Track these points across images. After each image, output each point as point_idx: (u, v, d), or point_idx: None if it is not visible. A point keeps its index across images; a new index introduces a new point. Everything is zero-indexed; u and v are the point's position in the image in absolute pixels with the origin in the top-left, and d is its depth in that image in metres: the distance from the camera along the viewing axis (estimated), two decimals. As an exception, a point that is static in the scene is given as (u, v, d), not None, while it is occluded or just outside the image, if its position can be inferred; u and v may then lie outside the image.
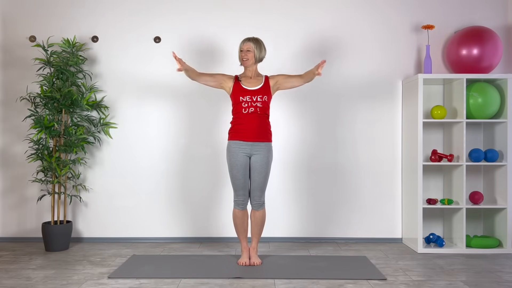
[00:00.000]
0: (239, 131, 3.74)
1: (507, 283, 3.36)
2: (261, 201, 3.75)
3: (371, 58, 4.63)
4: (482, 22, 4.61)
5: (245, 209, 3.77)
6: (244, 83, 3.77)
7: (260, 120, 3.73)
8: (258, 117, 3.72)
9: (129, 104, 4.62)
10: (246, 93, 3.73)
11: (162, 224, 4.63)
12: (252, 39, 3.79)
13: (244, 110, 3.71)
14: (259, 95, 3.72)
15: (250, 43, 3.75)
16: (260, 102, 3.71)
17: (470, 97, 4.29)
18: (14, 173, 4.62)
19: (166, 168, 4.63)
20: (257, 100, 3.71)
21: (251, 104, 3.71)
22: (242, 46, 3.78)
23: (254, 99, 3.71)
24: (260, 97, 3.72)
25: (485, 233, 4.54)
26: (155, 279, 3.42)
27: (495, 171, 4.40)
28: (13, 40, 4.62)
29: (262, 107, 3.72)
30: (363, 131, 4.63)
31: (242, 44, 3.78)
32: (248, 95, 3.72)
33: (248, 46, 3.74)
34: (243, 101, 3.71)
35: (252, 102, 3.71)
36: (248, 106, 3.71)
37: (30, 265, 3.79)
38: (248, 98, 3.71)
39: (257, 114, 3.71)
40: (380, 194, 4.63)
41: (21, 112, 4.59)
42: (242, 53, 3.77)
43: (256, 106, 3.71)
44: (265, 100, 3.73)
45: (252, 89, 3.74)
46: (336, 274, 3.53)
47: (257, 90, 3.74)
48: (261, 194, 3.75)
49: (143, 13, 4.63)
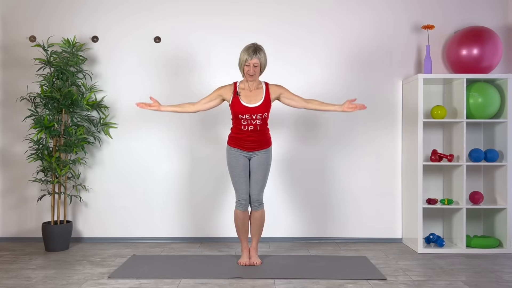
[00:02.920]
0: (238, 142, 3.73)
1: (507, 283, 3.36)
2: (259, 200, 3.75)
3: (371, 58, 4.63)
4: (482, 22, 4.61)
5: (246, 210, 3.77)
6: (244, 98, 3.63)
7: (258, 134, 3.70)
8: (257, 133, 3.69)
9: (129, 104, 4.62)
10: (245, 110, 3.61)
11: (162, 224, 4.63)
12: (258, 50, 3.54)
13: (243, 127, 3.67)
14: (258, 113, 3.62)
15: (257, 57, 3.51)
16: (260, 119, 3.65)
17: (470, 97, 4.29)
18: (14, 173, 4.62)
19: (166, 168, 4.63)
20: (256, 118, 3.63)
21: (250, 122, 3.64)
22: (248, 60, 3.51)
23: (253, 117, 3.62)
24: (259, 115, 3.64)
25: (485, 233, 4.54)
26: (155, 279, 3.42)
27: (495, 171, 4.40)
28: (13, 40, 4.62)
29: (262, 123, 3.68)
30: (363, 131, 4.63)
31: (249, 57, 3.51)
32: (248, 113, 3.61)
33: (256, 61, 3.51)
34: (242, 119, 3.64)
35: (251, 120, 3.63)
36: (247, 124, 3.65)
37: (30, 265, 3.79)
38: (247, 116, 3.62)
39: (256, 130, 3.68)
40: (380, 194, 4.63)
41: (21, 112, 4.59)
42: (249, 68, 3.53)
43: (255, 124, 3.65)
44: (264, 117, 3.67)
45: (251, 106, 3.61)
46: (336, 274, 3.53)
47: (256, 107, 3.61)
48: (260, 193, 3.75)
49: (143, 13, 4.63)
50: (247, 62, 3.53)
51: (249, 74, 3.55)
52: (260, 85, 3.71)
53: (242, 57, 3.57)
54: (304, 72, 4.62)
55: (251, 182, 3.76)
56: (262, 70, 3.61)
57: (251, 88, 3.66)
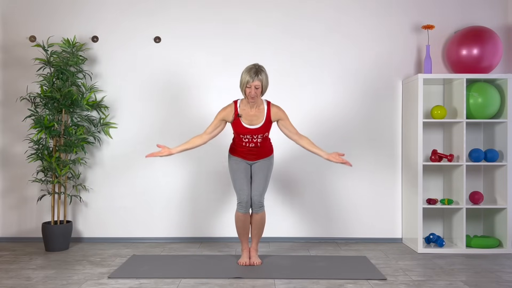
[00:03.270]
0: (239, 154, 3.77)
1: (507, 283, 3.36)
2: (261, 202, 3.75)
3: (371, 58, 4.63)
4: (482, 22, 4.61)
5: (247, 212, 3.76)
6: (245, 120, 3.61)
7: (260, 148, 3.73)
8: (258, 148, 3.72)
9: (129, 104, 4.62)
10: (246, 131, 3.62)
11: (162, 224, 4.63)
12: (260, 71, 3.48)
13: (244, 144, 3.70)
14: (259, 133, 3.63)
15: (259, 79, 3.46)
16: (261, 138, 3.67)
17: (470, 97, 4.29)
18: (14, 173, 4.62)
19: (166, 168, 4.63)
20: (257, 137, 3.66)
21: (251, 140, 3.66)
22: (250, 82, 3.46)
23: (254, 136, 3.65)
24: (260, 135, 3.65)
25: (485, 233, 4.54)
26: (155, 279, 3.42)
27: (495, 171, 4.40)
28: (13, 40, 4.62)
29: (262, 141, 3.70)
30: (363, 131, 4.63)
31: (250, 79, 3.46)
32: (249, 134, 3.63)
33: (257, 83, 3.46)
34: (243, 137, 3.66)
35: (252, 139, 3.66)
36: (248, 141, 3.67)
37: (30, 265, 3.79)
38: (248, 136, 3.65)
39: (257, 146, 3.71)
40: (380, 194, 4.63)
41: (21, 112, 4.59)
42: (250, 90, 3.48)
43: (256, 142, 3.68)
44: (265, 136, 3.69)
45: (252, 127, 3.61)
46: (336, 274, 3.53)
47: (257, 129, 3.61)
48: (261, 195, 3.75)
49: (143, 13, 4.63)
50: (248, 84, 3.47)
51: (251, 96, 3.51)
52: (261, 105, 3.64)
53: (244, 78, 3.50)
54: (304, 72, 4.62)
55: (253, 185, 3.78)
56: (263, 92, 3.56)
57: (252, 108, 3.62)
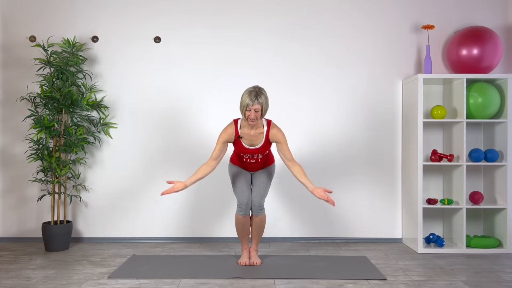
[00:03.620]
0: (240, 166, 3.85)
1: (507, 283, 3.36)
2: (261, 205, 3.76)
3: (371, 58, 4.63)
4: (482, 22, 4.61)
5: (247, 215, 3.77)
6: (245, 140, 3.66)
7: (260, 163, 3.80)
8: (258, 163, 3.79)
9: (129, 104, 4.62)
10: (247, 151, 3.69)
11: (162, 224, 4.63)
12: (259, 95, 3.48)
13: (245, 160, 3.77)
14: (260, 152, 3.70)
15: (259, 102, 3.46)
16: (261, 155, 3.73)
17: (470, 97, 4.29)
18: (14, 173, 4.62)
19: (166, 168, 4.62)
20: (258, 156, 3.72)
21: (251, 157, 3.73)
22: (249, 105, 3.45)
23: (255, 155, 3.71)
24: (261, 154, 3.71)
25: (485, 233, 4.54)
26: (155, 279, 3.42)
27: (495, 171, 4.40)
28: (13, 40, 4.62)
29: (263, 157, 3.76)
30: (363, 131, 4.63)
31: (250, 103, 3.45)
32: (249, 153, 3.70)
33: (257, 106, 3.46)
34: (244, 155, 3.74)
35: (252, 156, 3.73)
36: (249, 158, 3.74)
37: (30, 265, 3.79)
38: (249, 155, 3.71)
39: (257, 162, 3.77)
40: (380, 194, 4.63)
41: (21, 112, 4.59)
42: (250, 113, 3.48)
43: (257, 159, 3.74)
44: (265, 154, 3.75)
45: (253, 148, 3.67)
46: (336, 274, 3.53)
47: (257, 149, 3.67)
48: (261, 198, 3.76)
49: (143, 13, 4.63)
50: (248, 107, 3.47)
51: (251, 119, 3.51)
52: (261, 126, 3.65)
53: (244, 101, 3.49)
54: (304, 72, 4.62)
55: (253, 188, 3.81)
56: (263, 114, 3.56)
57: (252, 129, 3.64)
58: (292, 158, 3.65)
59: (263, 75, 4.60)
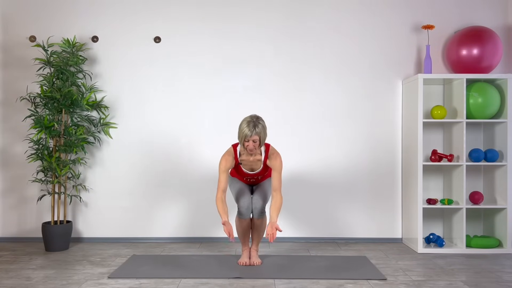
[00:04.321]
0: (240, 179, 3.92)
1: (507, 283, 3.36)
2: (262, 209, 3.76)
3: (371, 58, 4.63)
4: (482, 22, 4.61)
5: (248, 218, 3.77)
6: (245, 166, 3.76)
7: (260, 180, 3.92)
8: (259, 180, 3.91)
9: (129, 104, 4.62)
10: (246, 175, 3.82)
11: (162, 224, 4.63)
12: (257, 125, 3.52)
13: (245, 179, 3.88)
14: (259, 175, 3.82)
15: (257, 134, 3.51)
16: (261, 176, 3.85)
17: (470, 97, 4.29)
18: (14, 173, 4.62)
19: (166, 168, 4.62)
20: (257, 177, 3.85)
21: (251, 178, 3.85)
22: (248, 137, 3.51)
23: (254, 177, 3.83)
24: (260, 176, 3.84)
25: (485, 233, 4.54)
26: (155, 279, 3.42)
27: (495, 171, 4.40)
28: (13, 40, 4.62)
29: (263, 177, 3.88)
30: (363, 131, 4.63)
31: (249, 134, 3.50)
32: (249, 177, 3.83)
33: (255, 137, 3.52)
34: (244, 177, 3.85)
35: (252, 177, 3.84)
36: (249, 179, 3.86)
37: (30, 265, 3.79)
38: (249, 177, 3.83)
39: (257, 180, 3.90)
40: (380, 194, 4.63)
41: (21, 112, 4.59)
42: (248, 144, 3.54)
43: (256, 178, 3.86)
44: (265, 175, 3.87)
45: (252, 172, 3.79)
46: (336, 274, 3.53)
47: (257, 173, 3.79)
48: (263, 203, 3.77)
49: (143, 13, 4.63)
50: (246, 138, 3.53)
51: (249, 149, 3.56)
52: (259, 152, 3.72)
53: (242, 132, 3.53)
54: (304, 72, 4.62)
55: (255, 192, 3.83)
56: (261, 144, 3.61)
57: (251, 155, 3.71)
58: (278, 188, 3.67)
59: (263, 74, 4.60)
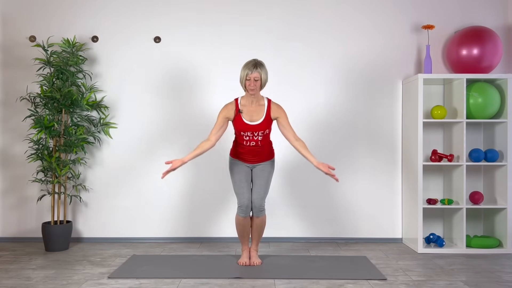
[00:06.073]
0: (240, 156, 3.78)
1: (507, 283, 3.36)
2: (261, 207, 3.75)
3: (371, 58, 4.63)
4: (482, 22, 4.61)
5: (247, 216, 3.76)
6: (245, 115, 3.64)
7: (260, 149, 3.73)
8: (258, 148, 3.72)
9: (129, 104, 4.62)
10: (247, 128, 3.64)
11: (162, 224, 4.63)
12: (258, 64, 3.56)
13: (245, 143, 3.70)
14: (260, 130, 3.64)
15: (257, 71, 3.53)
16: (261, 136, 3.68)
17: (470, 97, 4.29)
18: (14, 173, 4.62)
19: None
20: (258, 135, 3.66)
21: (251, 138, 3.67)
22: (249, 74, 3.53)
23: (255, 133, 3.65)
24: (261, 132, 3.66)
25: (485, 233, 4.54)
26: (155, 279, 3.42)
27: (495, 171, 4.40)
28: (13, 40, 4.62)
29: (263, 139, 3.70)
30: (363, 131, 4.63)
31: (249, 71, 3.53)
32: (249, 131, 3.64)
33: (256, 75, 3.52)
34: (244, 135, 3.67)
35: (253, 137, 3.67)
36: (249, 139, 3.68)
37: (30, 265, 3.79)
38: (249, 133, 3.65)
39: (258, 146, 3.71)
40: (380, 194, 4.63)
41: (21, 112, 4.59)
42: (249, 82, 3.54)
43: (257, 140, 3.68)
44: (266, 133, 3.69)
45: (253, 124, 3.63)
46: (336, 274, 3.53)
47: (258, 125, 3.63)
48: (262, 200, 3.75)
49: (143, 13, 4.63)
50: (247, 76, 3.53)
51: (250, 88, 3.55)
52: (262, 102, 3.68)
53: (243, 72, 3.57)
54: (305, 72, 4.62)
55: (253, 189, 3.78)
56: (263, 86, 3.60)
57: (252, 103, 3.66)
58: (295, 133, 3.68)
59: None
